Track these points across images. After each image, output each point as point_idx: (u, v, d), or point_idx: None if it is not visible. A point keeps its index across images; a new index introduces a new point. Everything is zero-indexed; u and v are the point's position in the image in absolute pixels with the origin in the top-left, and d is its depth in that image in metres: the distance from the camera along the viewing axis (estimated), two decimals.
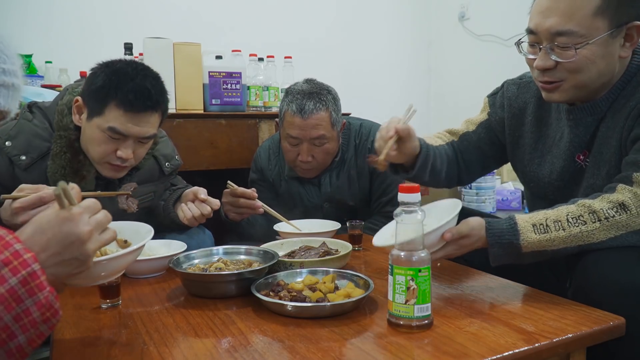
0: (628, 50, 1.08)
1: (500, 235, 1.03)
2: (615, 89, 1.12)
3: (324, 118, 1.63)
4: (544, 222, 1.02)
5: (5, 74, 0.76)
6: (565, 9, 1.03)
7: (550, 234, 1.01)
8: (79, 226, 0.68)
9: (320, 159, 1.69)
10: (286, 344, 0.82)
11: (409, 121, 1.21)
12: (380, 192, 1.80)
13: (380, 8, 3.24)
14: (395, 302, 0.86)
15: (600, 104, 1.13)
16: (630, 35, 1.06)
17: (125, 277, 1.22)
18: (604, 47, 1.05)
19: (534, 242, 1.01)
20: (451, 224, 1.04)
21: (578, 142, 1.19)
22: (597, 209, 0.99)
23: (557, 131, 1.25)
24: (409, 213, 0.87)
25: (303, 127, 1.62)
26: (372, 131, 1.80)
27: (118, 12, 2.48)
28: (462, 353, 0.77)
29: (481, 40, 3.05)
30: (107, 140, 1.26)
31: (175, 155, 1.60)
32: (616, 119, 1.11)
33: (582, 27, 1.03)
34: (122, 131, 1.25)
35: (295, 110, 1.63)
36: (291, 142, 1.67)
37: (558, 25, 1.04)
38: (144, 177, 1.49)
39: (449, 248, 1.05)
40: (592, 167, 1.16)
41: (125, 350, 0.83)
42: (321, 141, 1.65)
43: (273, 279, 1.07)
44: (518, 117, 1.34)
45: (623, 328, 0.87)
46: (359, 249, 1.44)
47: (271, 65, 2.43)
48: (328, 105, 1.65)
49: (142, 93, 1.24)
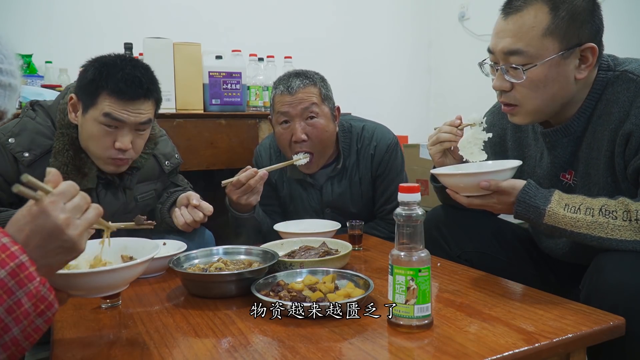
0: (584, 71, 1.08)
1: (532, 196, 1.03)
2: (585, 108, 1.13)
3: (312, 92, 1.63)
4: (577, 205, 1.01)
5: (2, 73, 0.76)
6: (516, 30, 1.07)
7: (578, 215, 1.00)
8: (52, 216, 0.67)
9: (315, 137, 1.63)
10: (286, 344, 0.82)
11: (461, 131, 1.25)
12: (383, 199, 1.76)
13: (380, 8, 3.23)
14: (395, 302, 0.86)
15: (573, 124, 1.15)
16: (586, 57, 1.08)
17: None
18: (555, 69, 1.07)
19: (558, 216, 1.01)
20: (496, 176, 1.05)
21: (559, 162, 1.20)
22: (632, 209, 0.98)
23: (536, 151, 1.27)
24: None
25: (292, 102, 1.62)
26: (375, 135, 1.75)
27: (118, 12, 2.48)
28: (462, 353, 0.77)
29: (481, 40, 3.04)
30: (104, 132, 1.28)
31: (175, 154, 1.61)
32: (598, 140, 1.12)
33: (531, 47, 1.06)
34: (117, 117, 1.26)
35: (283, 89, 1.64)
36: (283, 122, 1.64)
37: (510, 45, 1.08)
38: (144, 176, 1.50)
39: (488, 199, 1.07)
40: (583, 188, 1.17)
41: (125, 350, 0.83)
42: (311, 114, 1.62)
43: (273, 279, 1.07)
44: (501, 144, 1.38)
45: (623, 328, 0.87)
46: (359, 249, 1.44)
47: (271, 65, 2.42)
48: (316, 81, 1.66)
49: (132, 81, 1.26)
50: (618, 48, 1.27)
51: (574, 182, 1.20)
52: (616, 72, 1.11)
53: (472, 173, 1.09)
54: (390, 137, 1.77)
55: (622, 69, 1.10)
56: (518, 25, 1.07)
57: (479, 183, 1.04)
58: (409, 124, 3.32)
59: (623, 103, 1.07)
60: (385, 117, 3.19)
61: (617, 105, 1.08)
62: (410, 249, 0.85)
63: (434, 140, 1.26)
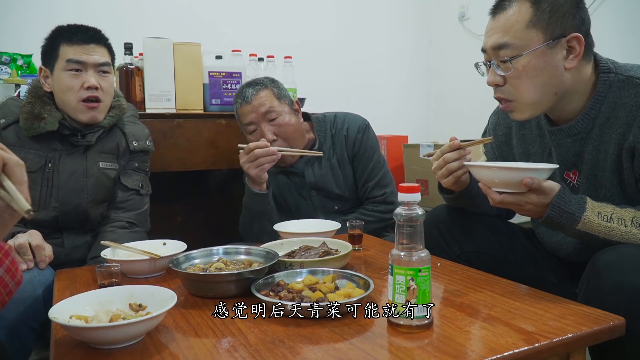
0: (573, 61, 1.12)
1: (567, 202, 1.05)
2: (591, 110, 1.16)
3: (266, 95, 1.77)
4: (609, 214, 1.05)
5: None
6: (503, 26, 1.15)
7: (612, 224, 1.03)
8: None
9: (282, 134, 1.76)
10: (286, 344, 0.82)
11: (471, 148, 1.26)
12: (365, 177, 1.86)
13: (380, 8, 3.23)
14: (395, 302, 0.86)
15: (578, 125, 1.18)
16: (573, 47, 1.12)
17: (125, 277, 1.22)
18: (542, 58, 1.11)
19: (592, 224, 1.04)
20: (537, 174, 1.05)
21: (563, 161, 1.23)
22: None
23: (544, 148, 1.29)
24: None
25: (252, 110, 1.75)
26: (347, 119, 1.90)
27: (118, 12, 2.48)
28: (462, 353, 0.77)
29: (481, 40, 3.04)
30: (71, 77, 1.45)
31: (147, 141, 1.67)
32: (605, 143, 1.15)
33: (517, 39, 1.12)
34: (77, 59, 1.44)
35: (240, 101, 1.78)
36: (252, 131, 1.78)
37: (498, 40, 1.15)
38: (108, 147, 1.57)
39: (522, 198, 1.06)
40: (587, 189, 1.19)
41: (125, 350, 0.83)
42: (272, 115, 1.75)
43: (273, 279, 1.07)
44: (506, 143, 1.40)
45: (623, 328, 0.87)
46: (359, 249, 1.44)
47: (271, 65, 2.42)
48: (266, 84, 1.80)
49: (82, 29, 1.48)
50: (618, 49, 1.28)
51: (578, 183, 1.22)
52: (620, 76, 1.14)
53: (514, 167, 1.09)
54: (361, 120, 1.92)
55: (627, 74, 1.14)
56: (504, 21, 1.15)
57: (523, 179, 1.03)
58: (409, 124, 3.33)
59: (630, 107, 1.11)
60: (385, 117, 3.21)
61: (624, 109, 1.12)
62: (410, 249, 0.86)
63: (444, 173, 1.23)
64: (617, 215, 1.04)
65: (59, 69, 1.46)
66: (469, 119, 2.96)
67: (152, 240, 1.38)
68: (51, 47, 1.47)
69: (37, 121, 1.45)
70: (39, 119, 1.46)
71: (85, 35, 1.47)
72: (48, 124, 1.46)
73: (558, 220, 1.05)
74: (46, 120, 1.46)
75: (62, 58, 1.45)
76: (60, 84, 1.46)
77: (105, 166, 1.56)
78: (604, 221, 1.03)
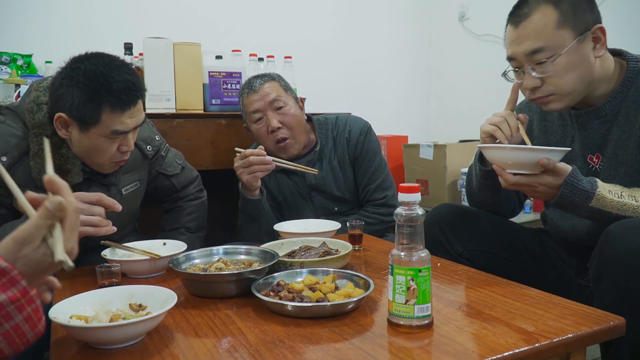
0: (600, 50, 1.20)
1: (580, 180, 1.10)
2: (618, 94, 1.23)
3: (273, 85, 1.79)
4: (619, 191, 1.11)
5: None
6: (532, 32, 1.18)
7: (623, 200, 1.10)
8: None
9: (288, 123, 1.77)
10: (286, 344, 0.82)
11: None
12: (366, 180, 1.86)
13: (380, 8, 3.23)
14: (395, 302, 0.86)
15: (605, 107, 1.24)
16: (598, 37, 1.19)
17: (125, 277, 1.22)
18: (576, 54, 1.17)
19: (606, 200, 1.09)
20: (552, 155, 1.08)
21: (588, 144, 1.28)
22: None
23: (565, 137, 1.34)
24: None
25: (259, 98, 1.77)
26: (349, 122, 1.89)
27: (118, 12, 2.48)
28: (462, 353, 0.77)
29: (481, 40, 3.04)
30: (110, 142, 1.29)
31: (155, 136, 1.60)
32: (630, 124, 1.21)
33: (550, 42, 1.17)
34: (125, 130, 1.28)
35: (248, 91, 1.80)
36: (257, 120, 1.78)
37: (531, 46, 1.18)
38: (127, 167, 1.48)
39: (536, 179, 1.11)
40: (608, 169, 1.24)
41: (125, 350, 0.83)
42: (278, 104, 1.77)
43: (273, 279, 1.07)
44: (527, 134, 1.39)
45: (623, 328, 0.87)
46: (359, 249, 1.44)
47: (271, 65, 2.42)
48: (274, 77, 1.84)
49: (128, 88, 1.25)
50: (618, 48, 1.29)
51: (600, 167, 1.26)
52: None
53: (529, 148, 1.13)
54: (363, 122, 1.91)
55: None
56: (532, 28, 1.18)
57: (539, 159, 1.07)
58: (409, 124, 3.33)
59: None
60: (385, 117, 3.21)
61: None
62: (410, 249, 0.85)
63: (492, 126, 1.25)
64: (627, 193, 1.10)
65: (96, 134, 1.26)
66: (469, 119, 2.96)
67: (152, 240, 1.38)
68: (89, 106, 1.23)
69: (63, 173, 1.29)
70: (64, 172, 1.31)
71: (133, 98, 1.26)
72: (74, 177, 1.33)
73: (571, 199, 1.10)
74: (72, 174, 1.32)
75: (106, 126, 1.25)
76: (93, 146, 1.29)
77: (128, 190, 1.50)
78: (616, 197, 1.09)
